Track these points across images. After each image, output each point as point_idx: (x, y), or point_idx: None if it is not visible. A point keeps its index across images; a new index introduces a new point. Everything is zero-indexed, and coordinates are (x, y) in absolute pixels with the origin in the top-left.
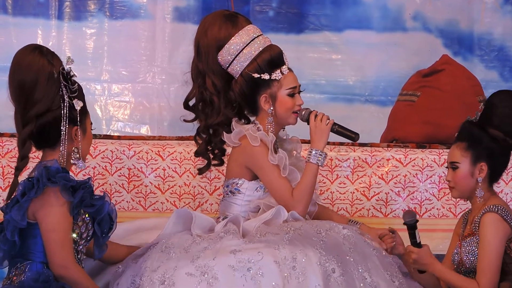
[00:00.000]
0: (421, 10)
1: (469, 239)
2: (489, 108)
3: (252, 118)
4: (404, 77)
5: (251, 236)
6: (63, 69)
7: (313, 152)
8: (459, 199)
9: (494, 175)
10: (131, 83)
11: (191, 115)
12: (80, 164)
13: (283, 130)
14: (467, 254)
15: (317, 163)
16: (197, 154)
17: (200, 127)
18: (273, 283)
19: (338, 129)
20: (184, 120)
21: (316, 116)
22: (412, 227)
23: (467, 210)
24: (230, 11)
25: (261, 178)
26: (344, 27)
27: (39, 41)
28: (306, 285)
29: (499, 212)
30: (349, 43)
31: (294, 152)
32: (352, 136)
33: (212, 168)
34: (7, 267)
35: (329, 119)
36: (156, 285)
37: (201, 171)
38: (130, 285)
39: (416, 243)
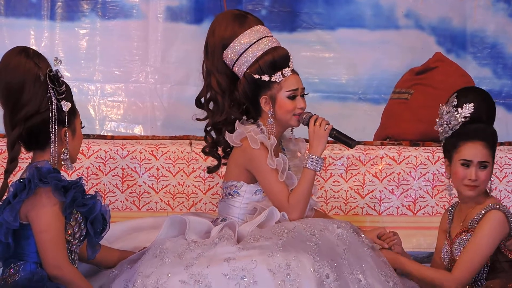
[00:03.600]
0: (413, 8)
1: (463, 236)
2: (479, 106)
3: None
4: (397, 75)
5: (245, 242)
6: (50, 71)
7: (310, 157)
8: (453, 196)
9: None
10: (124, 83)
11: (203, 114)
12: (68, 166)
13: (291, 132)
14: (461, 252)
15: (314, 169)
16: (205, 153)
17: (207, 124)
18: None
19: (336, 134)
20: (197, 119)
21: (315, 121)
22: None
23: (451, 205)
24: (240, 10)
25: (259, 181)
26: (337, 26)
27: (32, 42)
28: None
29: (505, 211)
30: (342, 41)
31: (298, 153)
32: (349, 143)
33: (206, 168)
34: (1, 268)
35: (328, 124)
36: None
37: (211, 170)
38: None
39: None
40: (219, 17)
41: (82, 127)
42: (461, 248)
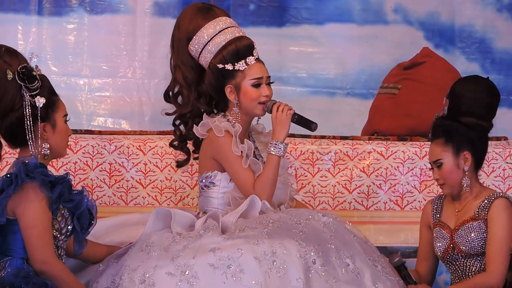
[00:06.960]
0: (401, 3)
1: (469, 224)
2: (455, 98)
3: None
4: (385, 70)
5: (231, 233)
6: (22, 68)
7: (273, 143)
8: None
9: (478, 161)
10: (112, 78)
11: (173, 108)
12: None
13: (258, 122)
14: (467, 241)
15: (277, 154)
16: (174, 147)
17: (175, 118)
18: (254, 280)
19: (297, 119)
20: (166, 114)
21: (278, 107)
22: (398, 268)
23: (436, 197)
24: (205, 3)
25: (226, 169)
26: (325, 20)
27: (19, 37)
28: (287, 278)
29: (509, 198)
30: (330, 36)
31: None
32: (310, 126)
33: (194, 162)
34: None
35: (290, 109)
36: (136, 285)
37: (180, 165)
38: (110, 284)
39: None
40: (184, 10)
41: (67, 120)
42: (468, 236)
